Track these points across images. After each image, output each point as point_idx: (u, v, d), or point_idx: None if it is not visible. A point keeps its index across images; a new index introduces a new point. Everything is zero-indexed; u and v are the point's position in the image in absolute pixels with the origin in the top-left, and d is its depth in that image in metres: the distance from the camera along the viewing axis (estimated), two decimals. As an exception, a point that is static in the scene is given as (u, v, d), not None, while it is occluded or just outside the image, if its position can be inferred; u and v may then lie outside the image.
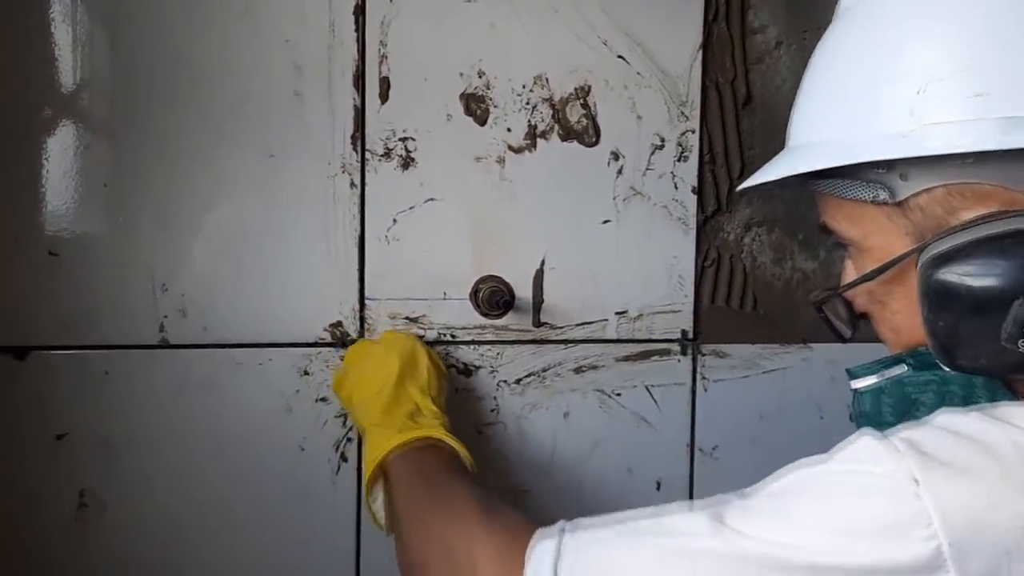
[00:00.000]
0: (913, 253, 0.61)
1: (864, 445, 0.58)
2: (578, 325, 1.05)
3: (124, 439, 0.95)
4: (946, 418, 0.58)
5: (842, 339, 0.71)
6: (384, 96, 0.98)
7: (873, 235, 0.64)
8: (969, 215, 0.58)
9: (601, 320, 1.06)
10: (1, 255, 0.91)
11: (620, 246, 1.05)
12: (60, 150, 0.92)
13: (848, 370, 0.70)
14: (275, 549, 0.99)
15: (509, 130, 1.01)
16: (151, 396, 0.95)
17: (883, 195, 0.61)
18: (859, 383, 0.69)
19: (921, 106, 0.59)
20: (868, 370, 0.68)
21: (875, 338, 1.12)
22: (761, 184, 0.68)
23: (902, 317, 0.64)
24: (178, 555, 0.97)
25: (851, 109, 0.63)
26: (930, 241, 0.59)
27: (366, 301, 1.00)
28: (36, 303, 0.92)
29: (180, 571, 0.97)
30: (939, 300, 0.58)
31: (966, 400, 0.64)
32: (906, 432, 0.58)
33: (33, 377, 0.93)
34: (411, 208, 1.00)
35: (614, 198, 1.05)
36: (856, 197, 0.63)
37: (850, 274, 0.68)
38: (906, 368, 0.66)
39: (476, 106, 1.01)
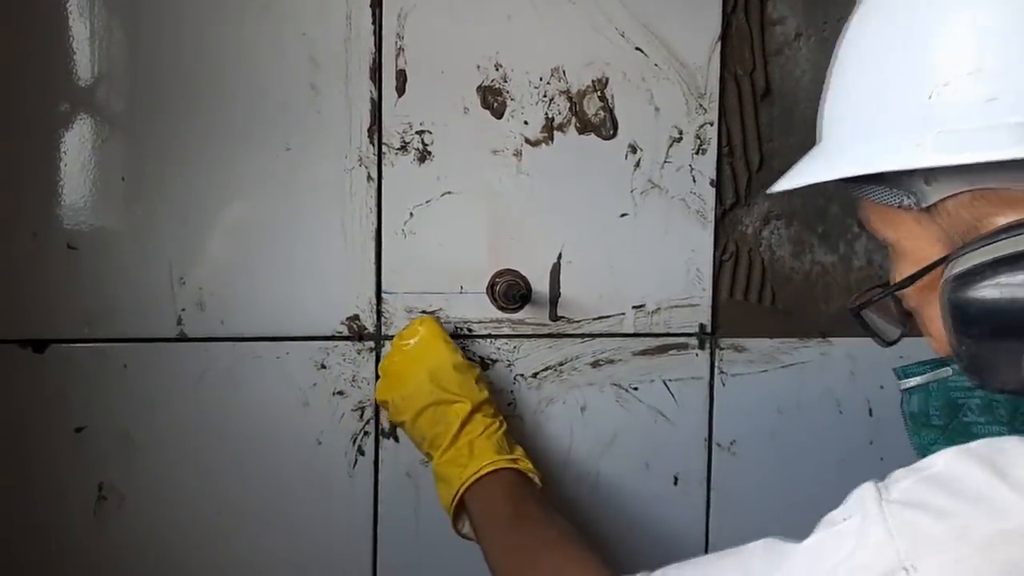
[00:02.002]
0: (943, 263, 0.58)
1: (853, 525, 0.56)
2: (595, 319, 1.04)
3: (142, 432, 0.96)
4: (962, 464, 0.55)
5: (885, 343, 0.68)
6: (401, 89, 0.98)
7: (906, 239, 0.61)
8: (1000, 220, 0.55)
9: (618, 314, 1.05)
10: (20, 249, 0.92)
11: (638, 240, 1.04)
12: (78, 144, 0.92)
13: (895, 369, 0.67)
14: (292, 542, 0.99)
15: (526, 123, 1.01)
16: (169, 389, 0.96)
17: (908, 200, 0.58)
18: (906, 383, 0.67)
19: (932, 113, 0.56)
20: (915, 370, 0.66)
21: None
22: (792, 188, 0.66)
23: (937, 326, 0.61)
24: (195, 547, 0.97)
25: (869, 111, 0.60)
26: (956, 254, 0.56)
27: (383, 295, 1.00)
28: (55, 297, 0.93)
29: (197, 562, 0.98)
30: (958, 323, 0.55)
31: (1015, 408, 0.60)
32: (910, 486, 0.55)
33: (52, 370, 0.93)
34: (428, 202, 1.00)
35: (632, 191, 1.04)
36: (884, 201, 0.60)
37: (894, 274, 0.66)
38: (951, 371, 0.63)
39: (493, 99, 1.00)
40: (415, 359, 0.95)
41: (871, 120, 0.60)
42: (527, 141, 1.01)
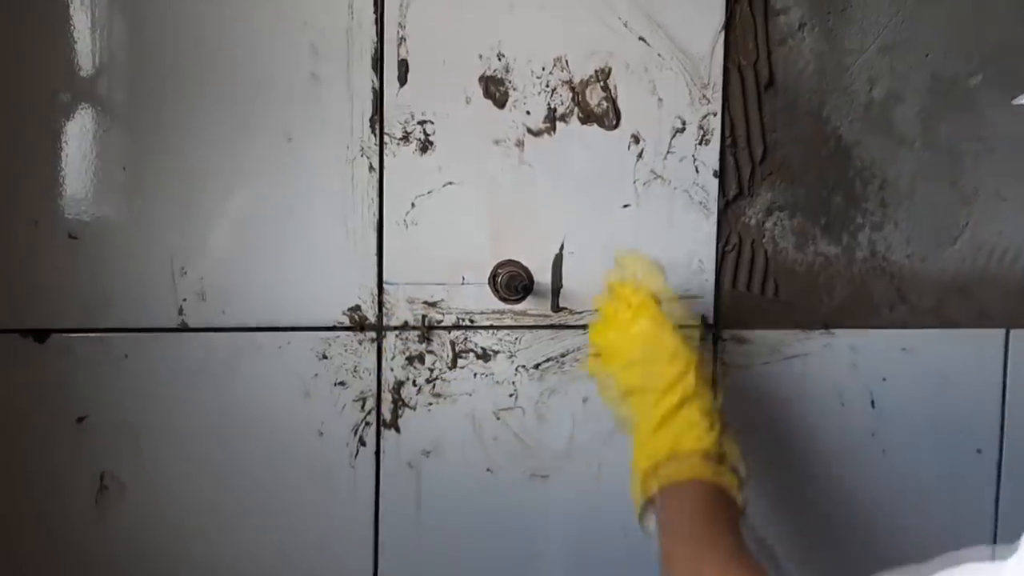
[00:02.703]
0: None
1: None
2: (597, 310, 1.04)
3: (143, 422, 0.96)
4: None
5: None
6: (403, 79, 0.98)
7: None
8: None
9: (620, 305, 1.05)
10: (21, 238, 0.92)
11: (640, 231, 1.04)
12: (79, 134, 0.92)
13: None
14: (293, 532, 1.00)
15: (528, 113, 1.01)
16: (170, 379, 0.96)
17: None
18: None
19: None
20: None
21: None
22: None
23: None
24: (197, 536, 0.98)
25: None
26: None
27: (384, 285, 0.99)
28: (56, 286, 0.93)
29: (199, 552, 0.98)
30: None
31: None
32: None
33: (53, 360, 0.93)
34: (429, 192, 0.99)
35: (634, 182, 1.04)
36: None
37: None
38: None
39: (495, 89, 1.00)
40: (630, 338, 0.90)
41: None
42: (529, 131, 1.01)
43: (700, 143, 1.05)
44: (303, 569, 1.00)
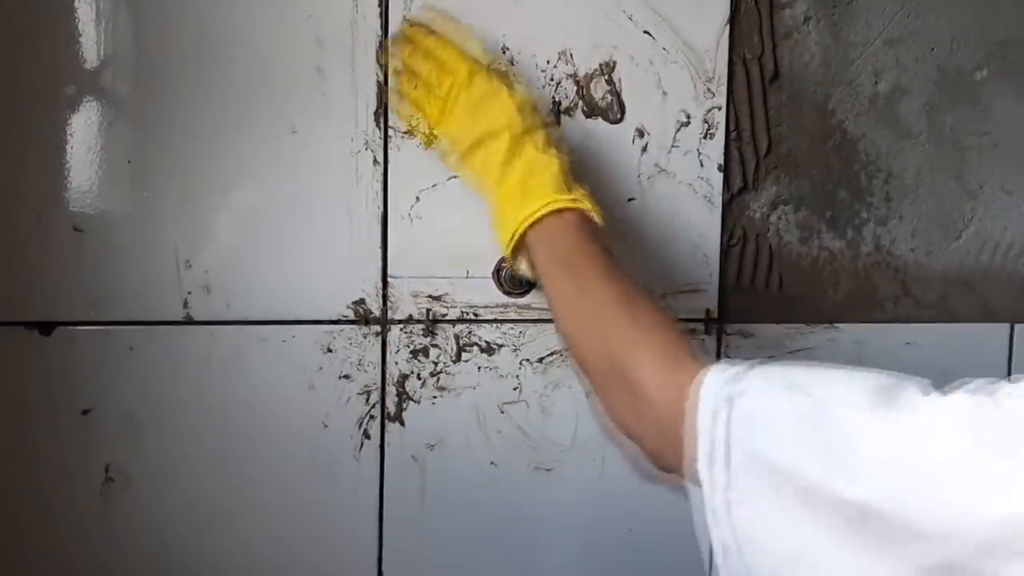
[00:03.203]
0: None
1: None
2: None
3: (149, 415, 0.96)
4: None
5: None
6: (407, 72, 0.98)
7: None
8: None
9: (625, 299, 1.05)
10: (26, 231, 0.92)
11: (644, 225, 1.04)
12: (84, 126, 0.92)
13: None
14: (298, 525, 1.00)
15: (533, 107, 1.00)
16: (175, 372, 0.96)
17: None
18: None
19: None
20: None
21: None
22: None
23: None
24: (202, 529, 0.98)
25: None
26: None
27: (389, 279, 0.99)
28: (61, 279, 0.93)
29: (204, 544, 0.98)
30: None
31: None
32: None
33: (59, 352, 0.94)
34: (434, 186, 0.99)
35: (639, 176, 1.03)
36: None
37: None
38: None
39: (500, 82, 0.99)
40: (460, 114, 0.89)
41: None
42: (534, 125, 1.01)
43: (705, 137, 1.05)
44: (307, 561, 1.01)
